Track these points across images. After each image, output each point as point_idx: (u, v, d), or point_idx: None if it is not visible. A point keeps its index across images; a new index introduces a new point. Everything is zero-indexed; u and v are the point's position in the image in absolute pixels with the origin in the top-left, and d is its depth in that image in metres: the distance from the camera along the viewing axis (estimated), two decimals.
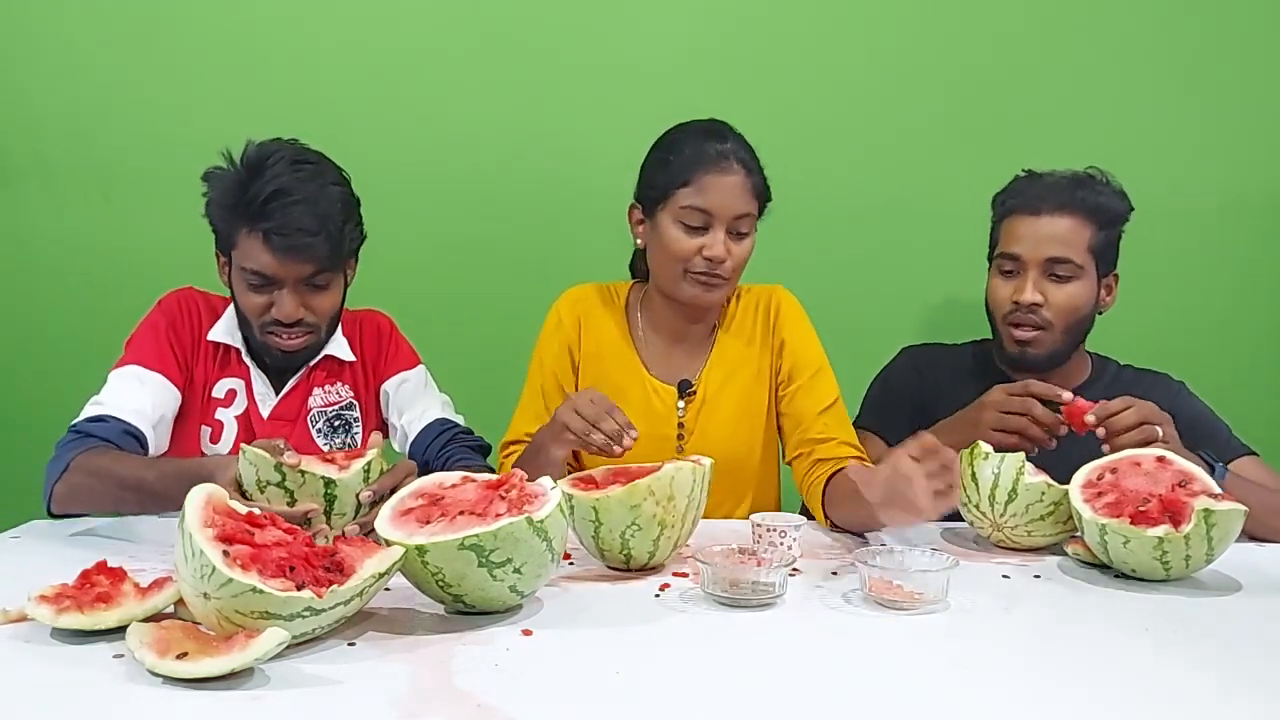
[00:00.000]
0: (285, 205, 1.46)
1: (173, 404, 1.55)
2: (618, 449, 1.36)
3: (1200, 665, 0.98)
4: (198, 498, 0.99)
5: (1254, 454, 1.60)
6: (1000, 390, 1.50)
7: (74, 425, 1.47)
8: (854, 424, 1.64)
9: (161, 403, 1.53)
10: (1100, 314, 1.68)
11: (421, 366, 1.73)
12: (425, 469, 1.60)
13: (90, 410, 1.49)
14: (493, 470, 1.60)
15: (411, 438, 1.66)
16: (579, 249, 1.74)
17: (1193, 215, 2.15)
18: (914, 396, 1.67)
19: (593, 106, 2.09)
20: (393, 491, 1.25)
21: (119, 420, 1.47)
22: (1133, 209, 1.65)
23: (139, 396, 1.51)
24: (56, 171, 2.08)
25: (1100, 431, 1.40)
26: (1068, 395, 1.44)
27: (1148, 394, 1.48)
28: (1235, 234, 2.17)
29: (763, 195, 1.56)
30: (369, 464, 1.27)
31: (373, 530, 1.12)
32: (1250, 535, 1.39)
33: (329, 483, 1.23)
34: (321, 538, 1.18)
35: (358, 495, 1.25)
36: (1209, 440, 1.53)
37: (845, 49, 2.13)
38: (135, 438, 1.48)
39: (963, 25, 2.12)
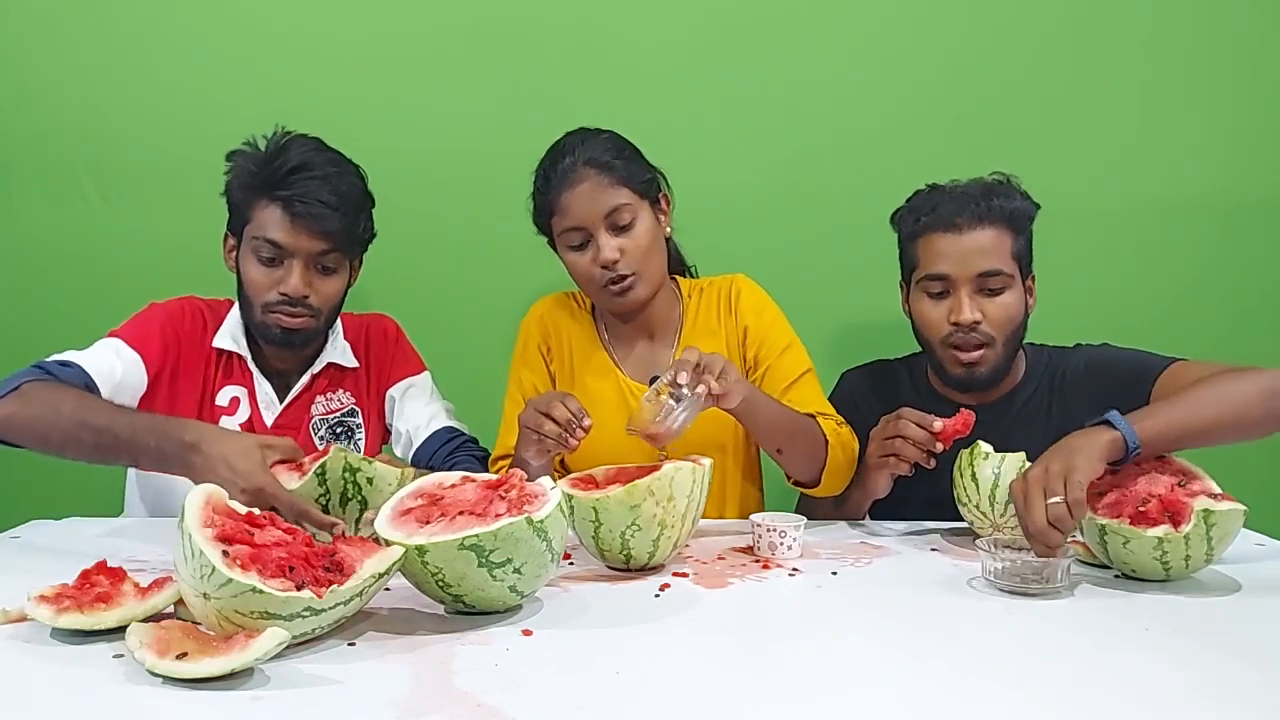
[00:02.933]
0: (306, 178, 1.52)
1: (139, 385, 1.54)
2: (572, 440, 1.36)
3: (1201, 666, 0.98)
4: (197, 498, 0.99)
5: (1180, 359, 1.53)
6: (882, 420, 1.50)
7: (38, 362, 1.46)
8: None
9: (129, 380, 1.53)
10: (1028, 315, 1.63)
11: (427, 373, 1.74)
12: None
13: (60, 356, 1.48)
14: None
15: (417, 444, 1.66)
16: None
17: (1191, 216, 2.15)
18: (855, 422, 1.65)
19: (592, 106, 2.09)
20: None
21: (84, 371, 1.46)
22: (1039, 207, 1.61)
23: (111, 363, 1.51)
24: (55, 171, 2.08)
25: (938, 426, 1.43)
26: (938, 425, 1.43)
27: (1078, 369, 1.60)
28: (1235, 234, 2.16)
29: (634, 179, 1.55)
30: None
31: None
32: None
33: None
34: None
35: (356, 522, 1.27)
36: (1145, 372, 1.51)
37: (833, 54, 2.12)
38: (92, 392, 1.45)
39: (954, 23, 2.12)
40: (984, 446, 1.42)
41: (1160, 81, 2.13)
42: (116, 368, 1.50)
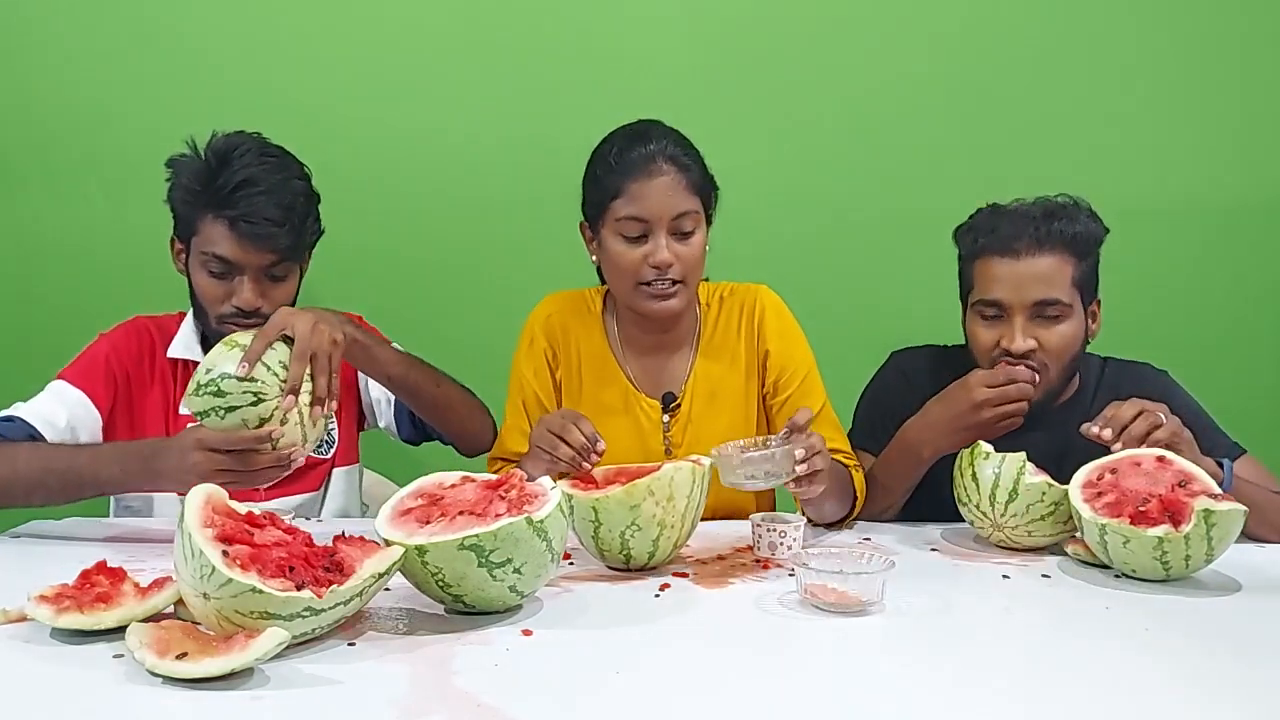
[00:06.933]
0: (252, 195, 1.50)
1: (91, 424, 1.54)
2: (585, 465, 1.33)
3: (1200, 666, 0.98)
4: (197, 498, 0.99)
5: (1244, 452, 1.55)
6: (978, 373, 1.47)
7: None
8: (848, 437, 1.63)
9: (77, 420, 1.52)
10: (1090, 342, 1.59)
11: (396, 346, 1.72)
12: (415, 428, 1.66)
13: (4, 411, 1.49)
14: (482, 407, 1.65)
15: (393, 408, 1.69)
16: (561, 247, 1.76)
17: (1191, 218, 2.15)
18: (904, 403, 1.60)
19: (575, 102, 2.10)
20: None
21: (27, 424, 1.47)
22: (1108, 230, 1.54)
23: (55, 410, 1.51)
24: (56, 168, 2.09)
25: (1108, 437, 1.36)
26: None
27: (1138, 389, 1.46)
28: (1234, 236, 2.17)
29: (704, 188, 1.52)
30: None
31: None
32: (1254, 536, 1.39)
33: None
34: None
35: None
36: (1200, 437, 1.45)
37: (841, 53, 2.13)
38: (38, 441, 1.46)
39: (960, 30, 2.12)
40: (984, 446, 1.42)
41: (1168, 83, 2.14)
42: (60, 414, 1.50)
